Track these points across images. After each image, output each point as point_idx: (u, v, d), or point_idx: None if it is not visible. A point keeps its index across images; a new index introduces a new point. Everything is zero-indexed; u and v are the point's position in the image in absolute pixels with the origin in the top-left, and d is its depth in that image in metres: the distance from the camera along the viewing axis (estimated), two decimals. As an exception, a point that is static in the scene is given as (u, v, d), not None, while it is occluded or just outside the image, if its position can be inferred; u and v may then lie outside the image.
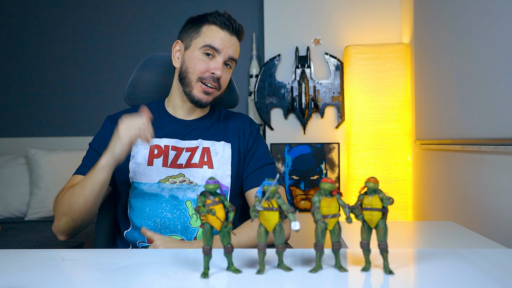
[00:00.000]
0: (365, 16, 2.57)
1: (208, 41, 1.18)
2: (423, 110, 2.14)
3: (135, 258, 0.84)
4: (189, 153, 1.20)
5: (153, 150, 1.19)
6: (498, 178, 1.37)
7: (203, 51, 1.19)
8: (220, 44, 1.18)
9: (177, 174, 1.17)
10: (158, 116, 1.26)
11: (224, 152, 1.22)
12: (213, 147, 1.22)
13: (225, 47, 1.19)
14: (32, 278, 0.70)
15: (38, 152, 2.68)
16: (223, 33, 1.20)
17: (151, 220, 1.14)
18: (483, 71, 1.46)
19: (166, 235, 1.13)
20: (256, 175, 1.23)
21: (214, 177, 0.71)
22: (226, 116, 1.32)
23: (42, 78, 3.08)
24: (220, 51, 1.18)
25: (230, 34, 1.20)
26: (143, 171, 1.17)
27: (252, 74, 2.76)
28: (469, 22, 1.57)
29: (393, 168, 2.32)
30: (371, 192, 0.70)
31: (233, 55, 1.21)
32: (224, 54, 1.19)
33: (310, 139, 2.60)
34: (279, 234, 0.70)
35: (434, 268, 0.73)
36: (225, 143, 1.24)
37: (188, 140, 1.22)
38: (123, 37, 3.01)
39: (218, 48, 1.18)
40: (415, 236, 1.38)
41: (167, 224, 1.14)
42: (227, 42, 1.19)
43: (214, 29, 1.20)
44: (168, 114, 1.27)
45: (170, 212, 1.14)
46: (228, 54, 1.20)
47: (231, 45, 1.20)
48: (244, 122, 1.30)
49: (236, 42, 1.23)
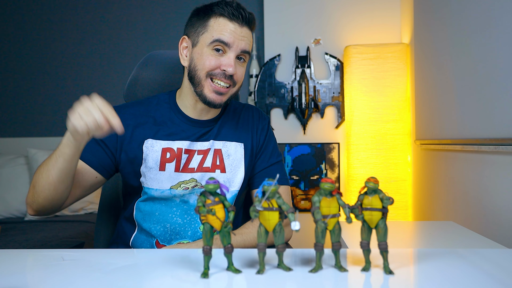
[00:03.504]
0: (365, 16, 2.57)
1: (216, 36, 1.07)
2: (423, 110, 2.14)
3: (135, 258, 0.84)
4: (201, 156, 1.14)
5: (165, 153, 1.12)
6: (498, 178, 1.37)
7: (212, 47, 1.08)
8: (230, 38, 1.07)
9: (189, 179, 1.12)
10: (170, 113, 1.17)
11: (236, 153, 1.17)
12: (224, 148, 1.16)
13: (236, 40, 1.08)
14: (32, 278, 0.70)
15: (38, 152, 2.68)
16: (233, 25, 1.08)
17: (161, 225, 1.11)
18: (483, 71, 1.46)
19: (176, 241, 1.11)
20: (264, 174, 1.20)
21: (214, 177, 0.71)
22: (235, 110, 1.24)
23: (42, 78, 3.08)
24: (231, 45, 1.08)
25: (240, 26, 1.09)
26: (155, 176, 1.11)
27: (252, 74, 2.76)
28: (469, 22, 1.57)
29: (393, 168, 2.32)
30: (371, 192, 0.70)
31: (246, 47, 1.10)
32: (236, 48, 1.08)
33: (310, 139, 2.60)
34: (279, 234, 0.70)
35: (434, 268, 0.73)
36: (236, 143, 1.18)
37: (201, 142, 1.15)
38: (123, 36, 3.01)
39: (228, 42, 1.07)
40: (415, 236, 1.38)
41: (178, 229, 1.11)
42: (237, 34, 1.08)
43: (222, 21, 1.08)
44: (181, 112, 1.17)
45: (180, 218, 1.11)
46: (240, 47, 1.09)
47: (242, 37, 1.09)
48: (255, 118, 1.23)
49: (248, 33, 1.11)
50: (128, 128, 1.13)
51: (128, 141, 1.13)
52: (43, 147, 2.81)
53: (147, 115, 1.16)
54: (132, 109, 1.17)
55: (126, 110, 1.17)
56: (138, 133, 1.14)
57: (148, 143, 1.13)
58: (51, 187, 1.01)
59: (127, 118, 1.14)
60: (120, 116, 1.05)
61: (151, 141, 1.13)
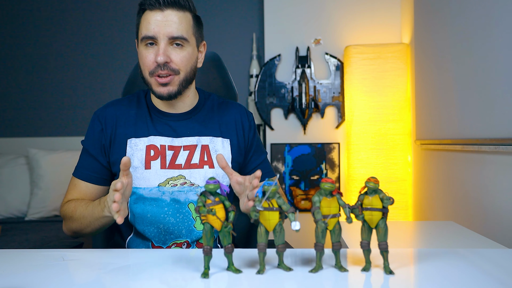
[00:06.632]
0: (365, 16, 2.57)
1: (143, 33, 1.06)
2: (423, 110, 2.14)
3: (135, 258, 0.84)
4: (188, 152, 1.14)
5: (149, 151, 1.12)
6: (498, 178, 1.37)
7: (144, 45, 1.08)
8: (153, 29, 1.05)
9: (177, 176, 1.12)
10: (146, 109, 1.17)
11: (224, 149, 1.17)
12: (212, 144, 1.16)
13: (160, 28, 1.05)
14: (32, 278, 0.70)
15: (38, 152, 2.68)
16: (154, 15, 1.05)
17: (154, 226, 1.11)
18: (483, 71, 1.46)
19: (171, 241, 1.11)
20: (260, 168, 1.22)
21: (214, 177, 0.71)
22: (219, 105, 1.24)
23: (42, 78, 3.08)
24: (157, 35, 1.05)
25: (162, 11, 1.05)
26: (141, 175, 1.11)
27: (252, 74, 2.76)
28: (469, 22, 1.57)
29: (393, 168, 2.32)
30: (372, 192, 0.70)
31: (174, 33, 1.05)
32: (163, 37, 1.05)
33: (310, 139, 2.60)
34: (279, 234, 0.70)
35: (434, 268, 0.73)
36: (223, 139, 1.18)
37: (184, 137, 1.15)
38: (122, 36, 3.01)
39: (153, 35, 1.05)
40: (415, 236, 1.38)
41: (171, 229, 1.11)
42: (160, 22, 1.05)
43: (146, 15, 1.07)
44: (155, 108, 1.18)
45: (173, 217, 1.11)
46: (167, 34, 1.05)
47: (166, 22, 1.05)
48: (241, 114, 1.23)
49: (174, 14, 1.06)
50: (110, 129, 1.15)
51: (112, 143, 1.15)
52: (43, 147, 2.82)
53: (127, 113, 1.17)
54: (113, 109, 1.18)
55: (108, 110, 1.18)
56: (120, 133, 1.15)
57: (132, 143, 1.13)
58: (87, 230, 1.07)
59: (108, 119, 1.16)
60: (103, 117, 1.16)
61: (135, 140, 1.14)
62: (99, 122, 1.16)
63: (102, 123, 1.15)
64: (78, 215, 1.06)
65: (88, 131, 1.17)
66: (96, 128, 1.15)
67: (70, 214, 1.09)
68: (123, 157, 0.88)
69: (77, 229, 1.09)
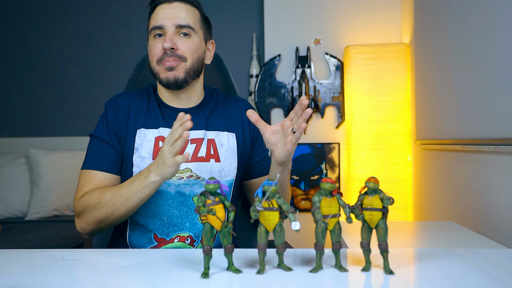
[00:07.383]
0: (365, 16, 2.57)
1: (152, 24, 1.13)
2: (423, 110, 2.14)
3: (135, 258, 0.84)
4: (195, 145, 1.15)
5: (158, 142, 1.13)
6: (498, 178, 1.37)
7: (152, 36, 1.14)
8: (162, 20, 1.11)
9: (183, 169, 1.12)
10: (155, 103, 1.20)
11: (229, 143, 1.19)
12: (218, 138, 1.18)
13: (168, 19, 1.11)
14: (32, 278, 0.70)
15: (38, 152, 2.68)
16: (162, 8, 1.13)
17: (158, 218, 1.11)
18: (483, 71, 1.46)
19: (174, 233, 1.11)
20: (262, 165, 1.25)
21: (214, 177, 0.71)
22: (224, 100, 1.26)
23: (42, 78, 3.08)
24: (165, 25, 1.11)
25: (169, 3, 1.13)
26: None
27: (252, 74, 2.76)
28: (469, 22, 1.57)
29: (393, 168, 2.32)
30: (372, 192, 0.70)
31: (181, 21, 1.11)
32: (170, 26, 1.11)
33: (310, 139, 2.60)
34: (279, 234, 0.70)
35: (434, 268, 0.73)
36: (228, 133, 1.20)
37: (191, 131, 1.14)
38: (122, 36, 3.01)
39: (161, 25, 1.11)
40: (415, 236, 1.38)
41: (175, 222, 1.11)
42: (168, 13, 1.12)
43: (156, 10, 1.14)
44: (163, 103, 1.20)
45: (177, 209, 1.11)
46: (174, 23, 1.11)
47: (173, 13, 1.12)
48: (245, 108, 1.23)
49: (182, 6, 1.13)
50: (124, 118, 1.16)
51: (124, 131, 1.15)
52: (43, 147, 2.82)
53: (140, 105, 1.19)
54: (126, 99, 1.19)
55: (120, 100, 1.19)
56: (131, 122, 1.16)
57: (141, 133, 1.14)
58: (125, 218, 1.07)
59: (121, 108, 1.17)
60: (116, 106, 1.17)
61: (144, 130, 1.14)
62: (113, 111, 1.17)
63: (116, 112, 1.16)
64: (109, 198, 1.03)
65: (100, 122, 1.17)
66: (110, 117, 1.16)
67: (97, 201, 1.05)
68: (180, 113, 0.94)
69: (105, 215, 1.04)
